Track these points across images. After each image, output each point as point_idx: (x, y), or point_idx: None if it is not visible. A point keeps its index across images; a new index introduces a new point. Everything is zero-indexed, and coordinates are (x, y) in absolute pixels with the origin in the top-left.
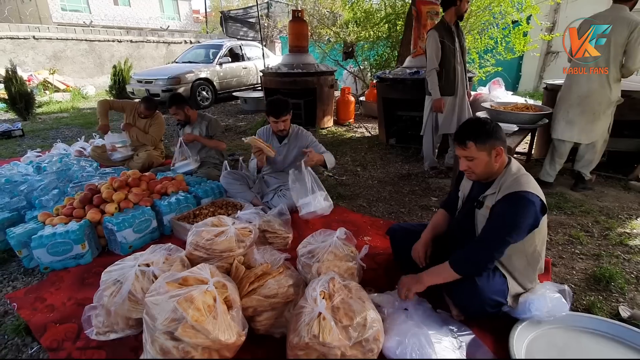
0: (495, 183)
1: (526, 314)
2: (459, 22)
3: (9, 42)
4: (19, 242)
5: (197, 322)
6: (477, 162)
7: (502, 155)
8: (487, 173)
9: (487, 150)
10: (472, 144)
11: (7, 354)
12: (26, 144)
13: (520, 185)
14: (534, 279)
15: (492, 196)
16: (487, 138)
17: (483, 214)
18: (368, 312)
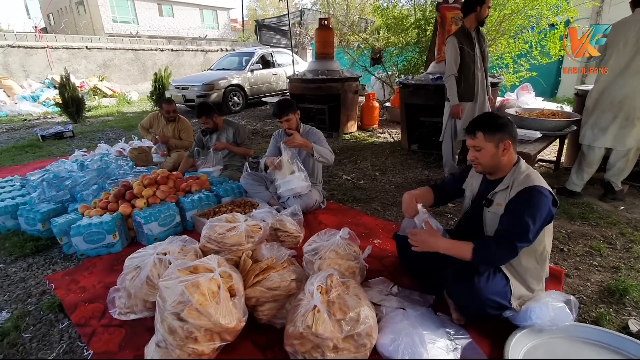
0: (505, 179)
1: (527, 321)
2: (480, 28)
3: (65, 51)
4: (61, 231)
5: (201, 306)
6: (484, 152)
7: (509, 150)
8: (492, 166)
9: (494, 142)
10: (481, 134)
11: (41, 327)
12: (75, 144)
13: (532, 181)
14: (541, 280)
15: (503, 192)
16: (496, 130)
17: (493, 211)
18: (362, 308)
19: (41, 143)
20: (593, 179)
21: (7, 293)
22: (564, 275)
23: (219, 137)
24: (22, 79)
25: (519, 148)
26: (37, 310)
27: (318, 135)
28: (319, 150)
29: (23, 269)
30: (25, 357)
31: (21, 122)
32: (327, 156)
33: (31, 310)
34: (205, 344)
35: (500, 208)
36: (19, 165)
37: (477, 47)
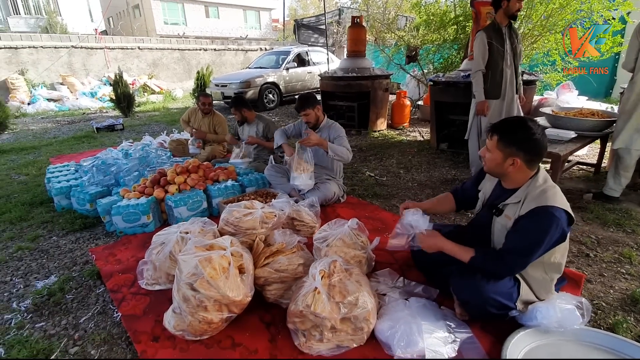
0: (519, 192)
1: (532, 321)
2: (512, 24)
3: (120, 52)
4: (104, 210)
5: (212, 279)
6: (491, 157)
7: (517, 167)
8: (496, 173)
9: (504, 152)
10: (496, 138)
11: (81, 291)
12: (124, 136)
13: (547, 200)
14: (550, 290)
15: (515, 206)
16: (512, 143)
17: (502, 222)
18: (361, 294)
19: (96, 134)
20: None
21: (57, 260)
22: (585, 281)
23: (250, 129)
24: (83, 76)
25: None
26: (80, 276)
27: (339, 132)
28: (334, 149)
29: (72, 241)
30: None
31: (80, 116)
32: (342, 155)
33: (75, 276)
34: (214, 313)
35: (509, 221)
36: (75, 154)
37: (508, 43)
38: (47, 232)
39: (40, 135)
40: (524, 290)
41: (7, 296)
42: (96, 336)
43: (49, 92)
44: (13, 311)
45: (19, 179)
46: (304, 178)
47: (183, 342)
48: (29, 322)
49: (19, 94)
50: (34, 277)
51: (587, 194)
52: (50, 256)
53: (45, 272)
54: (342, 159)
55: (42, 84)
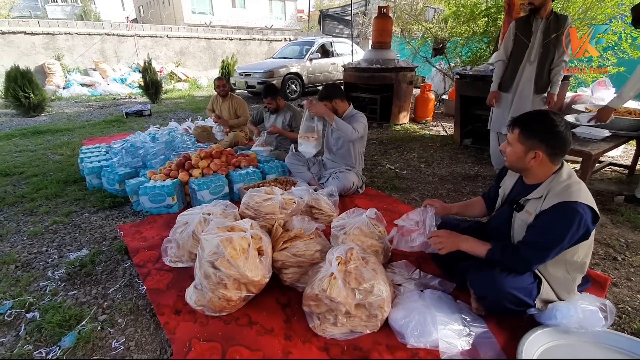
0: (541, 188)
1: (551, 320)
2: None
3: (149, 39)
4: (132, 190)
5: (232, 258)
6: (512, 150)
7: (540, 161)
8: (517, 167)
9: (526, 145)
10: (518, 131)
11: (110, 264)
12: (151, 121)
13: (571, 195)
14: (572, 290)
15: (537, 201)
16: (534, 135)
17: (522, 218)
18: (376, 282)
19: (125, 119)
20: None
21: (88, 235)
22: (610, 284)
23: (277, 118)
24: (114, 63)
25: (580, 147)
26: (109, 250)
27: (356, 117)
28: (338, 122)
29: (102, 218)
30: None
31: (111, 101)
32: (346, 130)
33: (104, 250)
34: (233, 291)
35: (530, 217)
36: (106, 137)
37: (539, 38)
38: (80, 209)
39: (74, 118)
40: (544, 289)
41: (42, 265)
42: (123, 306)
43: (82, 78)
44: (48, 279)
45: (54, 159)
46: (308, 146)
47: (203, 317)
48: (62, 290)
49: (55, 79)
50: (67, 249)
51: (619, 197)
52: (82, 230)
53: (77, 245)
54: (344, 135)
55: (77, 70)
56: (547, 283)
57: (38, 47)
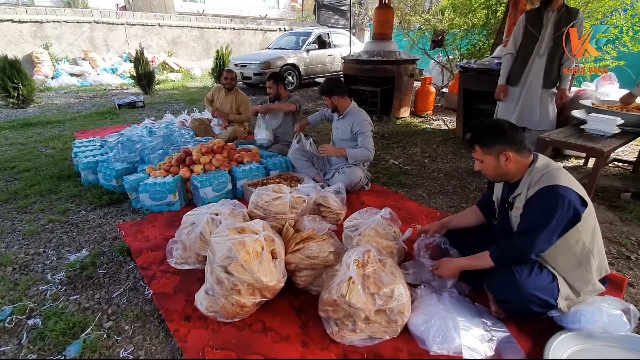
0: (521, 183)
1: (575, 324)
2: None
3: (140, 28)
4: (131, 187)
5: (245, 262)
6: (486, 165)
7: (512, 160)
8: (499, 175)
9: (493, 154)
10: (478, 147)
11: (112, 266)
12: (145, 113)
13: (549, 179)
14: (589, 281)
15: (520, 196)
16: (493, 143)
17: (515, 214)
18: (396, 286)
19: (117, 111)
20: None
21: (87, 234)
22: (627, 284)
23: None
24: (104, 52)
25: (591, 144)
26: (110, 251)
27: (362, 127)
28: (352, 155)
29: (100, 216)
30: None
31: (102, 91)
32: (363, 158)
33: (105, 251)
34: (247, 297)
35: (519, 211)
36: (99, 129)
37: (549, 31)
38: (76, 206)
39: (64, 109)
40: (562, 286)
41: (41, 267)
42: (129, 312)
43: (71, 67)
44: (48, 282)
45: (46, 152)
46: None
47: (215, 323)
48: (63, 295)
49: (43, 68)
50: (66, 249)
51: (625, 193)
52: (80, 230)
53: (76, 245)
54: (363, 161)
55: (65, 59)
56: (563, 278)
57: (26, 35)
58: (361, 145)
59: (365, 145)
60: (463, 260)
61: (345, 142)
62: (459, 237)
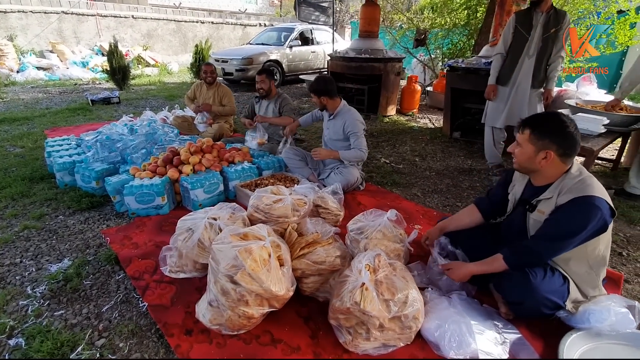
0: (552, 188)
1: (584, 323)
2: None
3: (113, 20)
4: (114, 189)
5: (253, 271)
6: (522, 151)
7: (550, 161)
8: (526, 168)
9: (536, 145)
10: (528, 132)
11: (100, 276)
12: (121, 110)
13: (586, 189)
14: (597, 286)
15: (548, 202)
16: (544, 136)
17: (536, 217)
18: (410, 291)
19: (91, 107)
20: None
21: (67, 242)
22: (623, 281)
23: (267, 107)
24: (74, 45)
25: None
26: (96, 260)
27: (354, 127)
28: (345, 157)
29: (80, 221)
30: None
31: (72, 86)
32: (356, 158)
33: (90, 260)
34: (255, 308)
35: (543, 216)
36: (72, 126)
37: (538, 32)
38: (52, 211)
39: (32, 105)
40: (572, 289)
41: (19, 280)
42: (123, 327)
43: (38, 60)
44: (28, 297)
45: (15, 152)
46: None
47: (219, 336)
48: (47, 310)
49: (8, 61)
50: (46, 259)
51: (609, 190)
52: (59, 237)
53: (57, 254)
54: (356, 162)
55: (31, 51)
56: (573, 282)
57: None
58: (354, 146)
59: (358, 146)
60: (475, 266)
61: (337, 142)
62: (460, 237)
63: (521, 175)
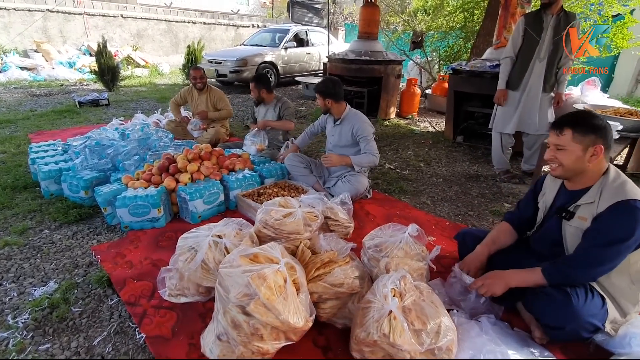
0: (592, 191)
1: (624, 348)
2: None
3: (101, 19)
4: (105, 200)
5: (268, 301)
6: (568, 153)
7: (599, 157)
8: (574, 170)
9: (584, 144)
10: (570, 131)
11: (90, 302)
12: (111, 112)
13: (628, 193)
14: (637, 302)
15: (590, 206)
16: (590, 131)
17: (576, 225)
18: (442, 319)
19: (78, 109)
20: None
21: (53, 261)
22: None
23: (267, 113)
24: (60, 44)
25: None
26: (85, 282)
27: (364, 131)
28: (358, 162)
29: (68, 236)
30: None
31: (58, 87)
32: (369, 163)
33: (79, 282)
34: (270, 342)
35: (585, 222)
36: (58, 130)
37: (549, 34)
38: (37, 224)
39: (15, 107)
40: (610, 309)
41: None
42: None
43: (21, 60)
44: (9, 328)
45: None
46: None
47: None
48: (31, 344)
49: None
50: (29, 282)
51: None
52: (44, 255)
53: (41, 275)
54: (367, 168)
55: (14, 50)
56: (611, 300)
57: None
58: (365, 150)
59: (369, 150)
60: (514, 275)
61: (345, 148)
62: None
63: (552, 181)
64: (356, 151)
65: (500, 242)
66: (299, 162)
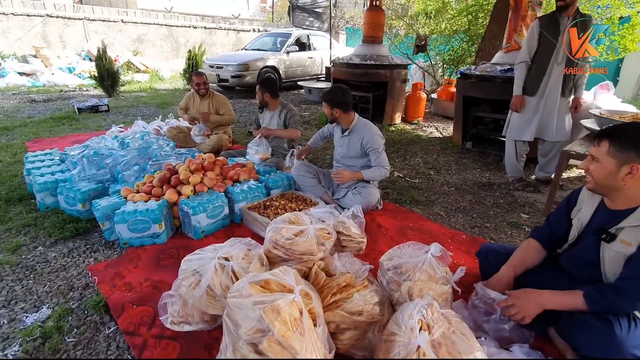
0: (637, 213)
1: None
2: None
3: (101, 24)
4: (103, 215)
5: (284, 338)
6: (600, 166)
7: (635, 177)
8: (605, 187)
9: (618, 159)
10: (607, 144)
11: (85, 331)
12: (110, 119)
13: None
14: None
15: (635, 230)
16: (629, 147)
17: (617, 249)
18: (476, 354)
19: (77, 116)
20: None
21: (47, 283)
22: None
23: (271, 119)
24: (59, 49)
25: None
26: (80, 308)
27: (374, 143)
28: (369, 176)
29: (63, 254)
30: None
31: (57, 93)
32: (381, 176)
33: (74, 307)
34: None
35: (630, 248)
36: (56, 137)
37: (566, 37)
38: (31, 240)
39: (13, 114)
40: None
41: None
42: None
43: (20, 65)
44: None
45: None
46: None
47: None
48: None
49: None
50: (20, 307)
51: None
52: (38, 276)
53: (34, 300)
54: (380, 179)
55: (13, 56)
56: None
57: None
58: (375, 163)
59: (380, 163)
60: (550, 296)
61: (354, 159)
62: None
63: (590, 196)
64: (366, 162)
65: (528, 263)
66: (307, 172)
